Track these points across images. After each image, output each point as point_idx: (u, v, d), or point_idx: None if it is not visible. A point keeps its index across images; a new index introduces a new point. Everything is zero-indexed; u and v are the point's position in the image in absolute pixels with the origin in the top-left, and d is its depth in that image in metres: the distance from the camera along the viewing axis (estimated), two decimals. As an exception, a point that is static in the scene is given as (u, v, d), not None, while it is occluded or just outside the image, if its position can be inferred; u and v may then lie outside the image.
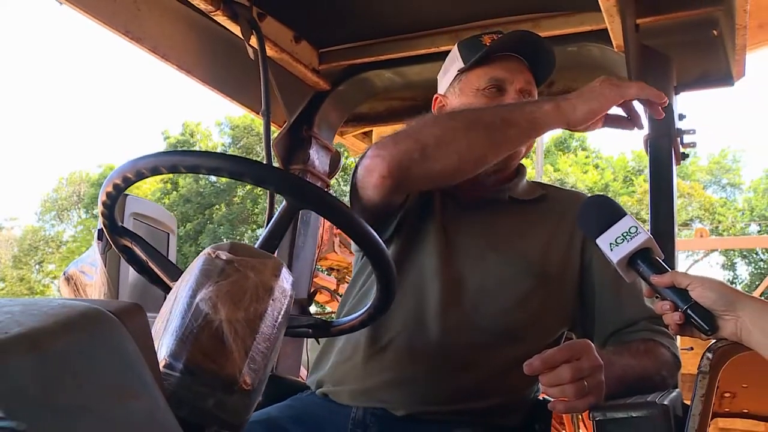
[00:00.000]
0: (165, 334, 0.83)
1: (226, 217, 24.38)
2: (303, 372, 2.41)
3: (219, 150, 26.25)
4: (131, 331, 0.72)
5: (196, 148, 24.88)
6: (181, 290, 0.87)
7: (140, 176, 1.00)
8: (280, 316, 0.88)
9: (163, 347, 0.82)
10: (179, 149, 1.08)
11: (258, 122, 2.01)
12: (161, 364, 0.80)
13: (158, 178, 26.00)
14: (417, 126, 1.40)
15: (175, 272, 1.09)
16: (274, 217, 1.02)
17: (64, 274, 1.66)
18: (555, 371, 1.15)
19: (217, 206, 25.06)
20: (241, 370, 0.81)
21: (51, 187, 33.29)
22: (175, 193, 25.93)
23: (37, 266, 29.89)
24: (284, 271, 0.90)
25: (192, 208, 25.25)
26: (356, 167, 1.44)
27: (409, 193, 1.49)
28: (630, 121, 1.42)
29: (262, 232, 1.09)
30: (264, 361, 0.84)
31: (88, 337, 0.67)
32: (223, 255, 0.88)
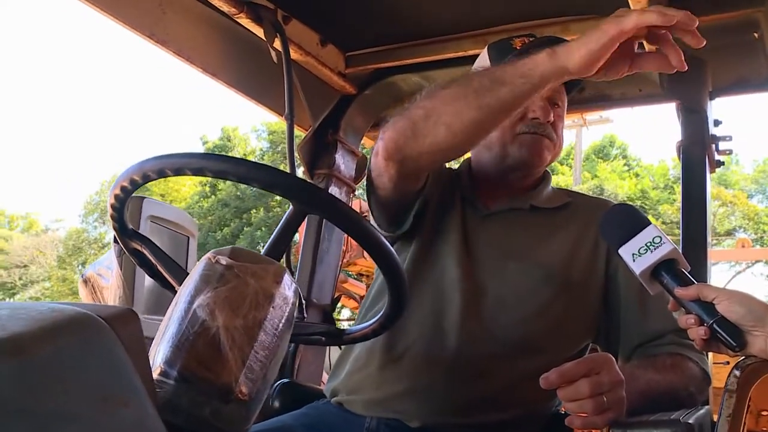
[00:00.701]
0: (162, 340, 0.81)
1: (264, 221, 24.56)
2: (325, 377, 2.39)
3: (256, 155, 26.50)
4: (122, 337, 0.70)
5: (234, 153, 25.14)
6: (180, 296, 0.85)
7: (147, 179, 0.99)
8: (281, 324, 0.85)
9: (159, 354, 0.80)
10: (186, 152, 1.06)
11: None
12: (157, 371, 0.79)
13: (196, 180, 26.38)
14: (413, 102, 1.34)
15: (184, 276, 1.07)
16: (281, 222, 1.00)
17: (81, 276, 1.66)
18: (573, 385, 1.11)
19: (255, 210, 25.26)
20: (238, 379, 0.79)
21: (94, 190, 34.00)
22: (213, 197, 26.23)
23: (80, 267, 30.50)
24: (287, 277, 0.88)
25: (230, 212, 25.50)
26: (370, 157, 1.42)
27: (414, 174, 1.41)
28: (665, 58, 1.16)
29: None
30: (263, 370, 0.82)
31: (76, 342, 0.66)
32: (223, 260, 0.85)
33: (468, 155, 1.67)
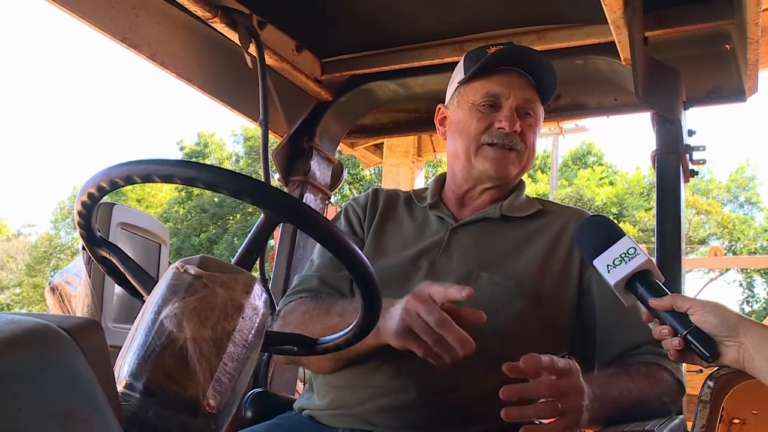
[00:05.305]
0: (128, 352, 0.79)
1: (241, 227, 24.37)
2: (300, 386, 2.36)
3: (233, 160, 26.33)
4: (85, 349, 0.67)
5: (210, 159, 24.94)
6: (147, 306, 0.83)
7: (114, 185, 0.97)
8: (250, 335, 0.83)
9: (125, 366, 0.77)
10: (154, 158, 1.03)
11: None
12: (122, 384, 0.76)
13: (172, 186, 26.12)
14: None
15: (153, 285, 1.04)
16: (251, 231, 0.98)
17: (49, 284, 1.63)
18: (530, 382, 1.11)
19: (233, 216, 25.08)
20: (206, 392, 0.77)
21: (66, 195, 33.55)
22: (189, 202, 26.01)
23: (51, 273, 30.01)
24: (257, 287, 0.86)
25: (207, 218, 25.29)
26: None
27: None
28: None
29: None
30: (231, 382, 0.80)
31: (34, 355, 0.63)
32: (192, 269, 0.83)
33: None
